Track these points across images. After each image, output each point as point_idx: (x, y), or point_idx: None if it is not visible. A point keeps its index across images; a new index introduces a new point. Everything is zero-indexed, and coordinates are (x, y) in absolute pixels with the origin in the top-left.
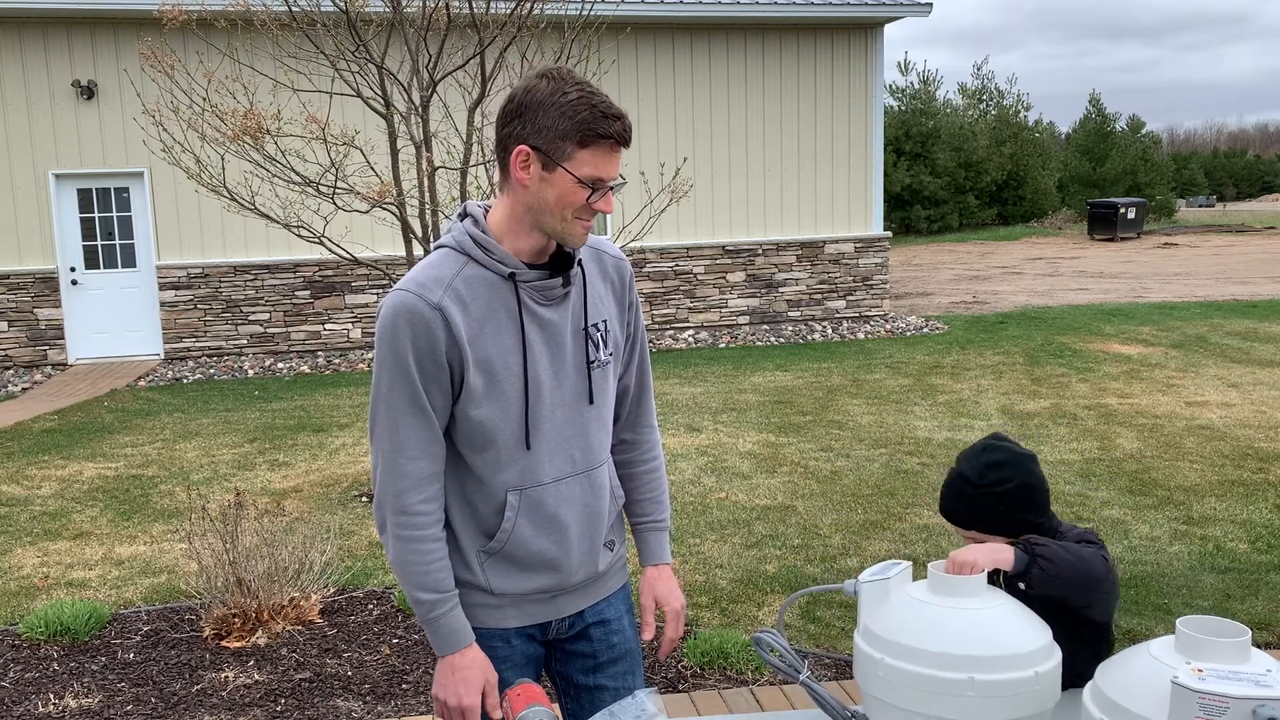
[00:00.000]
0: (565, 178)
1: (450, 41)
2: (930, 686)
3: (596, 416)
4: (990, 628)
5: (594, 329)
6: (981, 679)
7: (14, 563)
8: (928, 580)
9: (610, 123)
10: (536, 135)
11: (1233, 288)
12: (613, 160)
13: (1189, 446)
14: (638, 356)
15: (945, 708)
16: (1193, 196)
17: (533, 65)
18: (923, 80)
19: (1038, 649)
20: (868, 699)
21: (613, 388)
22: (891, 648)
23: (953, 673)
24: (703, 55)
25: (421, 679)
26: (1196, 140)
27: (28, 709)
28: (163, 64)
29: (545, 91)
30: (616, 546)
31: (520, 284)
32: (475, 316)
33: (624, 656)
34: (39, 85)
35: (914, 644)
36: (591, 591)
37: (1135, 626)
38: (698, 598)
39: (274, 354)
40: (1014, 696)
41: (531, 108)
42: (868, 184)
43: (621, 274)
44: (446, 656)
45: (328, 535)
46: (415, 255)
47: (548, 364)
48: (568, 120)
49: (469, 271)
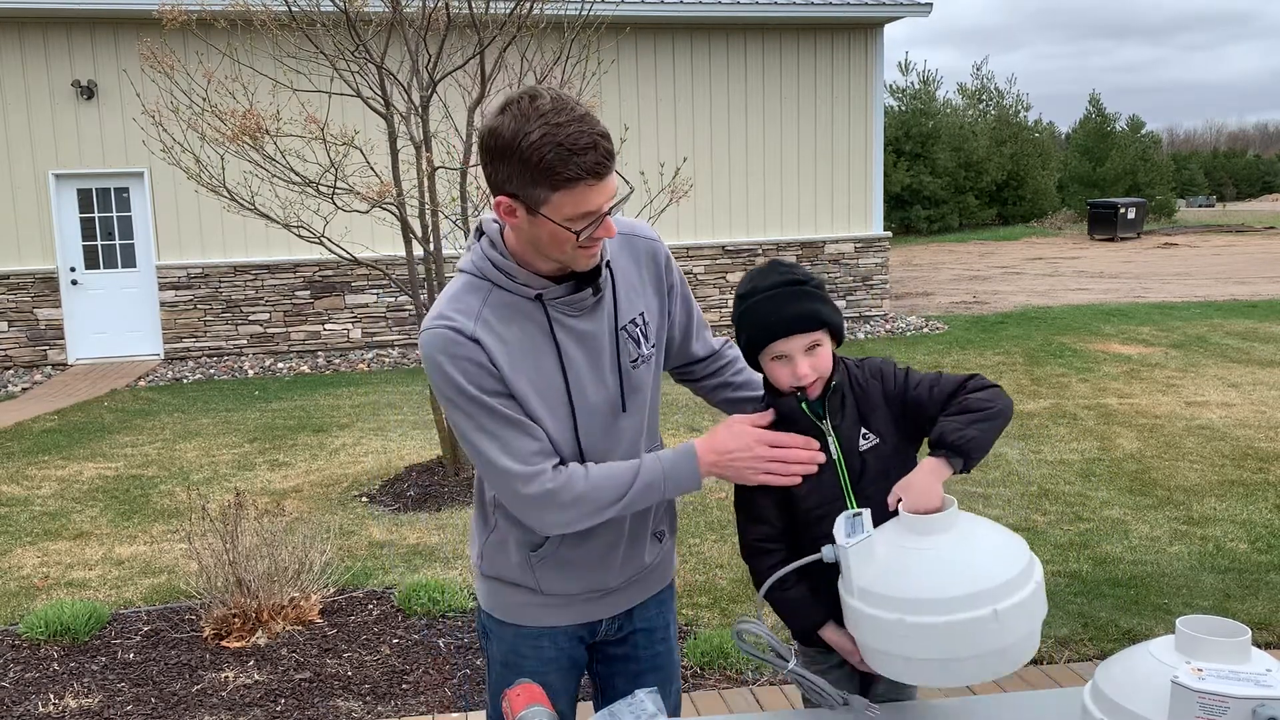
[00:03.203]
0: (548, 222)
1: (450, 41)
2: (957, 631)
3: (638, 416)
4: (990, 555)
5: (631, 326)
6: (1003, 608)
7: (14, 563)
8: (903, 524)
9: (580, 158)
10: (509, 183)
11: (1233, 288)
12: (597, 190)
13: (1189, 446)
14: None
15: (974, 644)
16: (1193, 196)
17: (533, 65)
18: (923, 80)
19: (1028, 557)
20: (868, 651)
21: (655, 381)
22: (908, 605)
23: (977, 610)
24: (703, 55)
25: (421, 679)
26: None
27: (28, 709)
28: (162, 64)
29: (509, 135)
30: (666, 538)
31: (548, 302)
32: (511, 344)
33: (663, 667)
34: (39, 85)
35: (933, 595)
36: (639, 587)
37: (1135, 626)
38: (698, 598)
39: (274, 354)
40: (1028, 612)
41: (499, 153)
42: (868, 184)
43: (656, 257)
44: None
45: (328, 535)
46: (415, 255)
47: (590, 375)
48: (533, 166)
49: (495, 298)
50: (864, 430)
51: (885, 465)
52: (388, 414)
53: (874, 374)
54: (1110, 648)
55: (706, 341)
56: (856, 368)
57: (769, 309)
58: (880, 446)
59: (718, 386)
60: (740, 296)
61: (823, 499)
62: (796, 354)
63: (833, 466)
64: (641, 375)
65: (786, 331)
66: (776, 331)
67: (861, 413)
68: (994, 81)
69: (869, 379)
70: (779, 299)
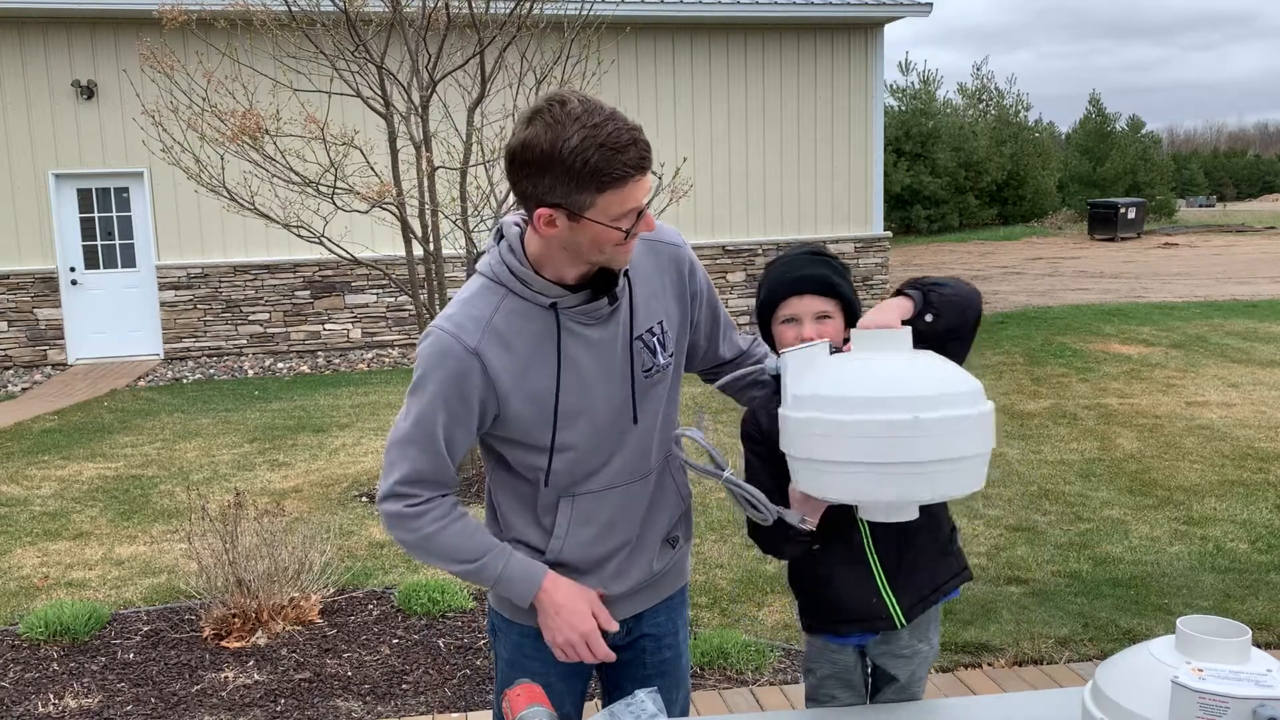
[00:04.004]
0: (593, 225)
1: (450, 41)
2: (875, 432)
3: (650, 427)
4: (928, 372)
5: (647, 335)
6: (926, 417)
7: (14, 563)
8: (854, 341)
9: (624, 155)
10: (551, 194)
11: (1233, 288)
12: (640, 186)
13: (1189, 446)
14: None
15: (896, 451)
16: (1193, 196)
17: (533, 65)
18: (923, 80)
19: (975, 389)
20: (800, 465)
21: (672, 389)
22: (828, 403)
23: (896, 414)
24: (703, 55)
25: (421, 679)
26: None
27: (28, 709)
28: (162, 64)
29: (547, 144)
30: (680, 544)
31: (562, 311)
32: (520, 353)
33: (670, 673)
34: (39, 85)
35: (855, 394)
36: (649, 593)
37: (1135, 626)
38: (698, 598)
39: (274, 354)
40: (961, 432)
41: (537, 165)
42: (868, 184)
43: (680, 263)
44: (537, 599)
45: (328, 535)
46: (415, 255)
47: (599, 383)
48: (578, 173)
49: (509, 305)
50: None
51: None
52: (388, 414)
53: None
54: (1110, 648)
55: (734, 343)
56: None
57: (785, 269)
58: None
59: (748, 385)
60: (766, 266)
61: None
62: (805, 318)
63: None
64: (656, 385)
65: (797, 289)
66: (788, 288)
67: None
68: (994, 81)
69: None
70: (797, 261)
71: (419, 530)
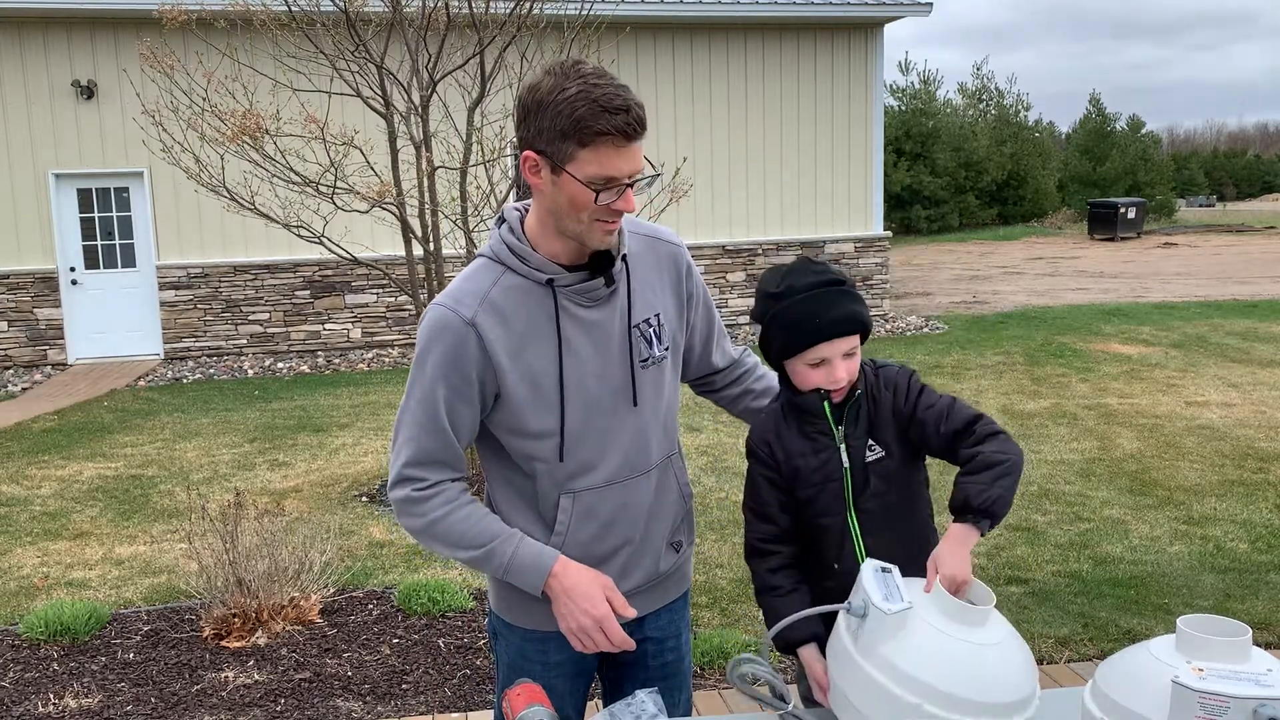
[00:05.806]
0: (571, 180)
1: (450, 41)
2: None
3: (650, 416)
4: (1023, 665)
5: (644, 325)
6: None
7: (14, 563)
8: (941, 604)
9: (610, 117)
10: (539, 138)
11: (1233, 288)
12: (623, 155)
13: (1189, 446)
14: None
15: None
16: (1193, 196)
17: (532, 65)
18: (923, 80)
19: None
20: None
21: (670, 384)
22: (938, 697)
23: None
24: (703, 55)
25: (421, 679)
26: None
27: (28, 709)
28: (162, 64)
29: (546, 89)
30: (684, 548)
31: (559, 289)
32: (516, 329)
33: (672, 675)
34: (39, 85)
35: (971, 696)
36: (651, 595)
37: (1135, 626)
38: (698, 598)
39: (274, 354)
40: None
41: (534, 108)
42: (868, 184)
43: (678, 263)
44: (548, 585)
45: (328, 535)
46: (415, 255)
47: (596, 366)
48: (565, 119)
49: (507, 281)
50: (871, 442)
51: (888, 480)
52: (388, 414)
53: (888, 385)
54: (1110, 648)
55: (726, 350)
56: (873, 376)
57: (811, 310)
58: (885, 460)
59: (740, 395)
60: (773, 295)
61: (827, 507)
62: (836, 358)
63: (840, 476)
64: (653, 375)
65: (831, 335)
66: (822, 334)
67: (872, 424)
68: (994, 81)
69: (883, 390)
70: (822, 300)
71: (425, 515)
